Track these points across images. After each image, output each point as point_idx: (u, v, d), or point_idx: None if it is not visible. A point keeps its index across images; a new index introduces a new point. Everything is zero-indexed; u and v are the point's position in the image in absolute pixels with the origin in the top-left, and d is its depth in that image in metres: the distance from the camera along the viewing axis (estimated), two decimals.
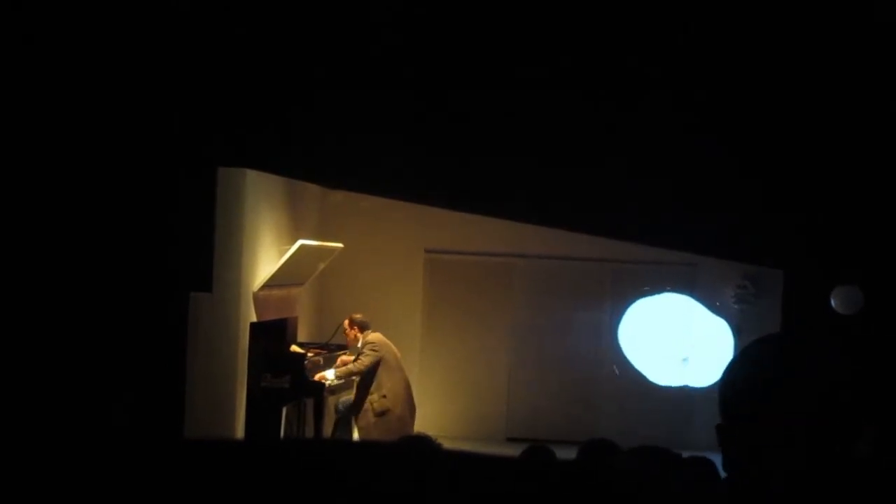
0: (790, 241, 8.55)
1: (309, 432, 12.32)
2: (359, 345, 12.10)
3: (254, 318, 11.20)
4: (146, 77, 7.65)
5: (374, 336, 12.14)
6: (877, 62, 6.89)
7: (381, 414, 11.88)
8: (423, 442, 6.19)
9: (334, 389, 12.28)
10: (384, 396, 11.87)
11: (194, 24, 7.52)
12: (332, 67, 7.61)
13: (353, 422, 12.17)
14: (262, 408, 11.37)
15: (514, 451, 7.18)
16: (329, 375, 12.17)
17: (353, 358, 12.24)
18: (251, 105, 8.10)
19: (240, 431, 10.82)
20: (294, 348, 12.26)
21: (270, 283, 11.41)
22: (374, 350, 11.98)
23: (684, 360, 9.93)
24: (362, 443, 11.82)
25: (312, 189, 13.72)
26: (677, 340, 10.07)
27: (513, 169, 8.62)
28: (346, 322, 12.31)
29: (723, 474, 2.09)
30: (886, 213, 8.09)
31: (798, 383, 1.99)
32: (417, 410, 12.63)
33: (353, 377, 12.07)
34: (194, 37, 7.59)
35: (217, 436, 10.07)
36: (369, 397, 11.92)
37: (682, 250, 12.67)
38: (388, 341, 12.17)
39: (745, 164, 8.03)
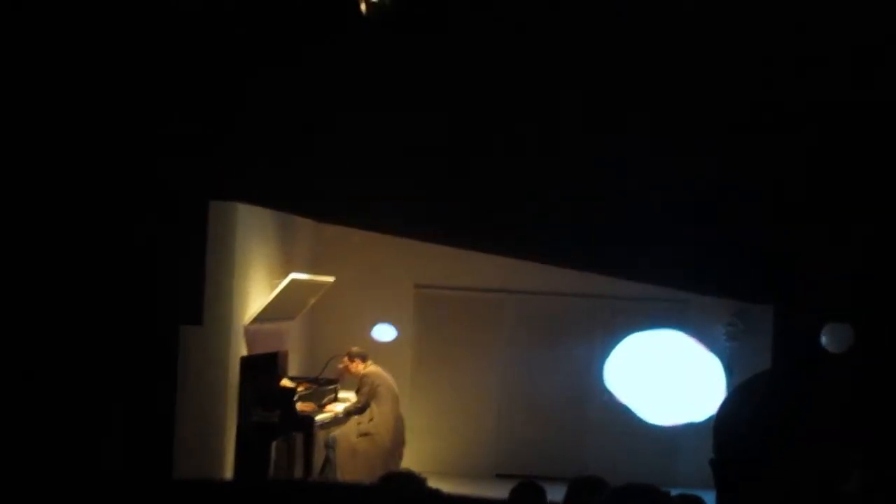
0: (780, 278, 8.57)
1: (298, 467, 12.29)
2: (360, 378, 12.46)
3: (244, 352, 11.18)
4: (138, 110, 7.67)
5: (371, 369, 12.58)
6: (867, 99, 6.94)
7: (363, 434, 12.12)
8: (408, 479, 6.15)
9: (324, 424, 12.29)
10: (371, 420, 12.18)
11: (188, 54, 7.54)
12: (324, 103, 7.64)
13: (335, 445, 12.32)
14: (251, 442, 11.34)
15: (503, 487, 7.15)
16: (339, 409, 12.63)
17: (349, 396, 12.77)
18: (243, 139, 8.12)
19: (229, 465, 10.78)
20: (284, 382, 12.24)
21: (261, 317, 11.39)
22: (370, 384, 12.45)
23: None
24: (348, 485, 11.81)
25: (304, 223, 13.73)
26: (668, 376, 10.06)
27: (503, 205, 8.65)
28: (346, 357, 12.58)
29: None
30: (877, 250, 8.12)
31: (789, 420, 2.01)
32: (407, 445, 12.68)
33: (356, 413, 12.45)
34: (187, 68, 7.61)
35: (206, 472, 10.04)
36: (357, 419, 12.21)
37: (673, 287, 12.70)
38: (385, 374, 12.52)
39: (735, 201, 8.06)
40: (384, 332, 13.79)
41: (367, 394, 12.33)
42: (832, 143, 7.40)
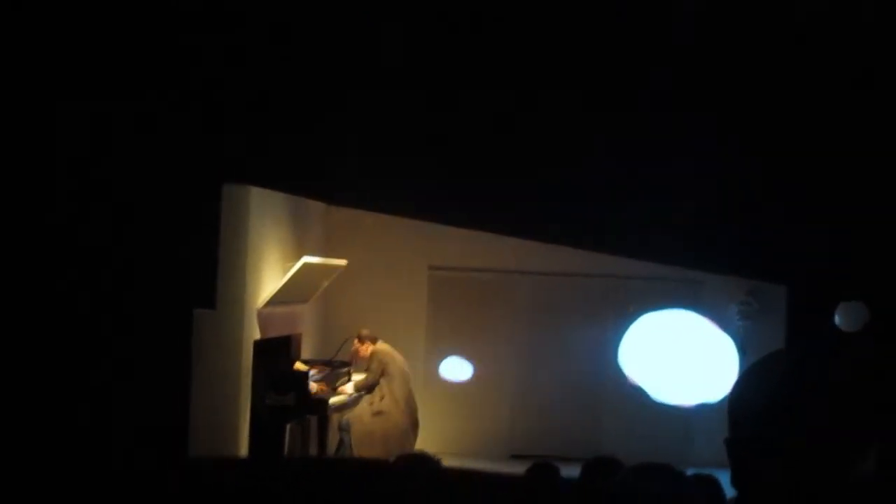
0: (794, 257, 8.55)
1: (313, 450, 12.31)
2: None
3: (258, 336, 11.19)
4: (150, 95, 7.66)
5: (380, 346, 12.65)
6: (881, 86, 6.91)
7: (377, 413, 12.12)
8: (422, 459, 6.15)
9: (338, 407, 12.31)
10: (382, 398, 12.19)
11: (200, 39, 7.53)
12: (336, 86, 7.63)
13: (350, 428, 12.31)
14: (266, 425, 11.36)
15: (517, 467, 7.15)
16: (349, 389, 12.62)
17: (361, 376, 12.74)
18: (256, 122, 8.11)
19: (243, 448, 10.79)
20: (298, 365, 12.25)
21: (274, 301, 11.40)
22: (379, 360, 12.49)
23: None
24: (364, 460, 11.83)
25: (316, 206, 13.73)
26: (681, 357, 10.04)
27: (517, 186, 8.63)
28: (356, 340, 12.58)
29: (728, 491, 2.09)
30: (890, 229, 8.09)
31: (805, 400, 1.99)
32: (421, 427, 12.68)
33: (366, 389, 12.51)
34: (200, 54, 7.60)
35: (220, 454, 10.05)
36: (368, 398, 12.22)
37: (686, 267, 12.67)
38: (394, 352, 12.58)
39: (749, 181, 8.03)
40: (456, 369, 13.53)
41: (376, 370, 12.35)
42: (845, 129, 7.37)
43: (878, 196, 7.94)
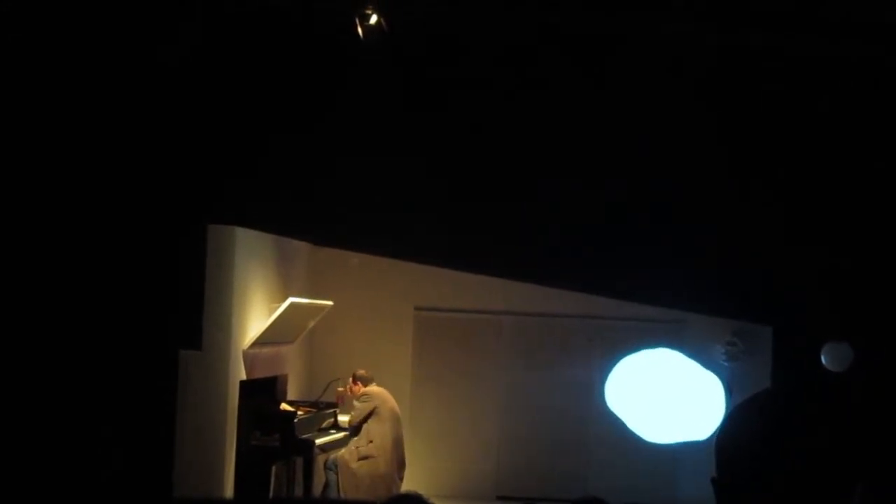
0: (779, 297, 8.58)
1: (298, 491, 12.26)
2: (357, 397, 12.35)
3: (243, 376, 11.17)
4: (136, 136, 7.68)
5: (370, 388, 12.48)
6: (865, 124, 6.97)
7: (363, 458, 12.01)
8: (416, 501, 6.11)
9: (324, 447, 12.26)
10: (370, 442, 12.06)
11: (185, 82, 7.57)
12: (322, 128, 7.66)
13: (336, 471, 12.22)
14: (251, 466, 11.32)
15: None
16: (343, 418, 12.69)
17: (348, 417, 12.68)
18: (241, 163, 8.13)
19: (229, 489, 10.75)
20: (284, 406, 12.22)
21: (260, 341, 11.38)
22: (366, 400, 12.31)
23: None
24: (353, 502, 11.80)
25: (302, 246, 13.73)
26: (668, 396, 10.05)
27: (501, 227, 8.65)
28: (351, 378, 12.49)
29: None
30: (876, 268, 8.12)
31: (791, 439, 2.01)
32: (407, 468, 12.63)
33: (352, 431, 12.44)
34: (185, 94, 7.63)
35: (206, 495, 10.01)
36: (355, 441, 12.12)
37: (672, 307, 12.69)
38: (386, 394, 12.42)
39: (734, 220, 8.07)
40: None
41: (361, 410, 12.21)
42: (829, 166, 7.42)
43: (861, 234, 7.98)
